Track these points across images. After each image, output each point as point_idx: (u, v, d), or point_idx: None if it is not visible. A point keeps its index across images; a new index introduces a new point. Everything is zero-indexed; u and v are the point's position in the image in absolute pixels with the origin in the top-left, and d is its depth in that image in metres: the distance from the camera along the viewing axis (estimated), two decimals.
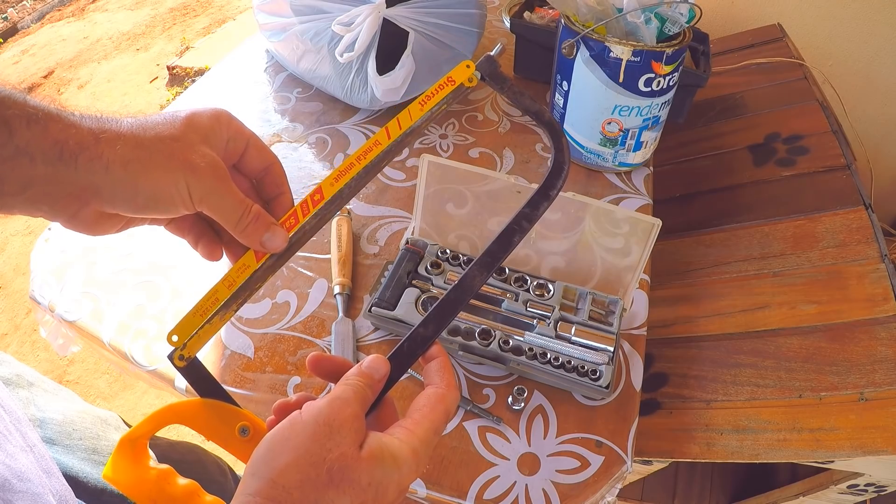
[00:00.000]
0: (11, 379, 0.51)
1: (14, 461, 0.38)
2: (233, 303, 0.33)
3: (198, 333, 0.31)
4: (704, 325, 0.72)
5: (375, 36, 0.77)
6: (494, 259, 0.34)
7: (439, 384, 0.32)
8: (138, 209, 0.31)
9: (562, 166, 0.35)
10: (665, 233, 0.59)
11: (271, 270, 0.34)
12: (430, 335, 0.33)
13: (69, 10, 3.22)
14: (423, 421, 0.30)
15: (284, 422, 0.28)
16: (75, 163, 0.29)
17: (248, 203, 0.33)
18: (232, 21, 2.89)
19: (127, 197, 0.31)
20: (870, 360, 0.62)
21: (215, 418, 0.31)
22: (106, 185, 0.30)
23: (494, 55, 0.36)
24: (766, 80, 1.04)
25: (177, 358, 0.31)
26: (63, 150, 0.28)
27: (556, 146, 0.36)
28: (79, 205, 0.30)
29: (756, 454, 0.60)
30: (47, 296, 0.63)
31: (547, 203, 0.35)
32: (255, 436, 0.31)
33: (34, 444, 0.43)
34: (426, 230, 0.66)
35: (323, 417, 0.27)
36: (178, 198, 0.31)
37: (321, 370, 0.32)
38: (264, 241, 0.33)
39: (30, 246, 1.42)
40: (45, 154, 0.28)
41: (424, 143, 0.83)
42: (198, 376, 0.32)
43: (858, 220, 0.75)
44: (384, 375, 0.31)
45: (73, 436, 0.50)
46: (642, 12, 0.65)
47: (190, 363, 0.31)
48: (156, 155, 0.30)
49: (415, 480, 0.30)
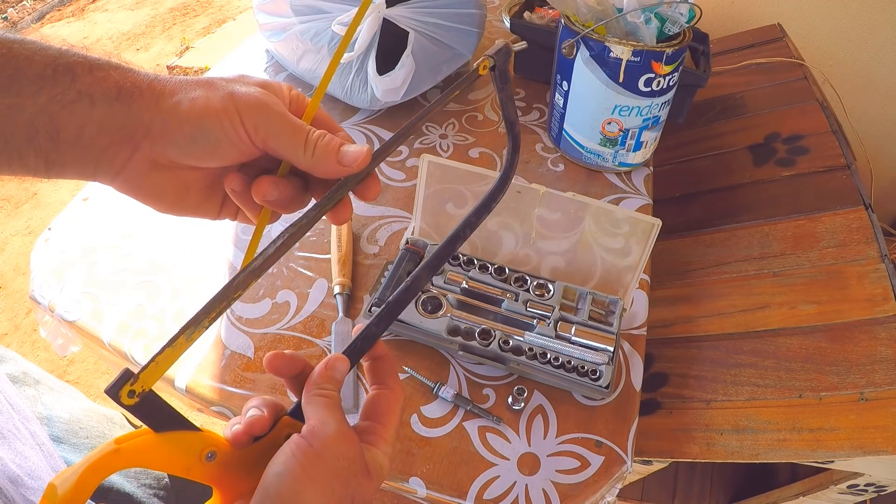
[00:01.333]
0: (18, 377, 0.51)
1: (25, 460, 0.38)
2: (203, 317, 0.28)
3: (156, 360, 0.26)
4: (704, 325, 0.72)
5: (375, 36, 0.77)
6: (440, 261, 0.37)
7: (391, 384, 0.33)
8: (189, 148, 0.30)
9: (506, 182, 0.38)
10: (665, 233, 0.59)
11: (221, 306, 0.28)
12: (380, 333, 0.33)
13: (69, 10, 3.22)
14: (390, 426, 0.32)
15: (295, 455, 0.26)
16: (130, 101, 0.29)
17: (308, 126, 0.31)
18: (232, 21, 2.89)
19: (176, 134, 0.29)
20: (870, 360, 0.62)
21: (173, 450, 0.27)
22: (155, 120, 0.29)
23: (515, 48, 0.36)
24: (766, 80, 1.04)
25: (125, 395, 0.25)
26: (121, 90, 0.28)
27: (510, 161, 0.38)
28: (130, 149, 0.29)
29: (756, 454, 0.60)
30: (47, 296, 0.63)
31: (487, 213, 0.38)
32: (221, 458, 0.28)
33: (43, 442, 0.43)
34: (426, 230, 0.66)
35: (339, 450, 0.27)
36: (231, 129, 0.29)
37: (279, 370, 0.31)
38: (341, 159, 0.30)
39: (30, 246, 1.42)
40: (104, 95, 0.28)
41: (424, 143, 0.83)
42: (152, 410, 0.26)
43: (858, 220, 0.75)
44: (344, 374, 0.31)
45: (80, 434, 0.50)
46: (642, 12, 0.65)
47: (143, 398, 0.25)
48: (206, 91, 0.29)
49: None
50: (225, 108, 0.29)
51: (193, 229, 0.70)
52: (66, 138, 0.28)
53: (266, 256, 0.29)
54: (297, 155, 0.30)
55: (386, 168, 0.79)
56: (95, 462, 0.24)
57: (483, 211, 0.38)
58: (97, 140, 0.29)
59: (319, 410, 0.28)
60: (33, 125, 0.27)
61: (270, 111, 0.30)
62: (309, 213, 0.31)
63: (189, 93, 0.29)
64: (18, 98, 0.27)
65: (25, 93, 0.27)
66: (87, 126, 0.28)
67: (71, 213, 0.73)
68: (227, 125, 0.29)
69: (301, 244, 0.69)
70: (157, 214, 0.34)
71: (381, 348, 0.34)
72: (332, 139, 0.31)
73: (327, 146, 0.30)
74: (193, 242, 0.69)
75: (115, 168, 0.30)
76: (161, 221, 0.71)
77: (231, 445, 0.28)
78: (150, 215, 0.71)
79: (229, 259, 0.67)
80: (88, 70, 0.28)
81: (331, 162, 0.30)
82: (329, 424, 0.27)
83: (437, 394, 0.54)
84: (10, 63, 0.27)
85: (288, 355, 0.31)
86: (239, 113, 0.29)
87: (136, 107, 0.29)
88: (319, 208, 0.31)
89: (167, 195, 0.32)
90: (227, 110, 0.29)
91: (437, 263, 0.36)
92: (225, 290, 0.27)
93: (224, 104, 0.29)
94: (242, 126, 0.29)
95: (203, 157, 0.30)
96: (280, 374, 0.31)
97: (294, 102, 0.33)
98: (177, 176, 0.31)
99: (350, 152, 0.30)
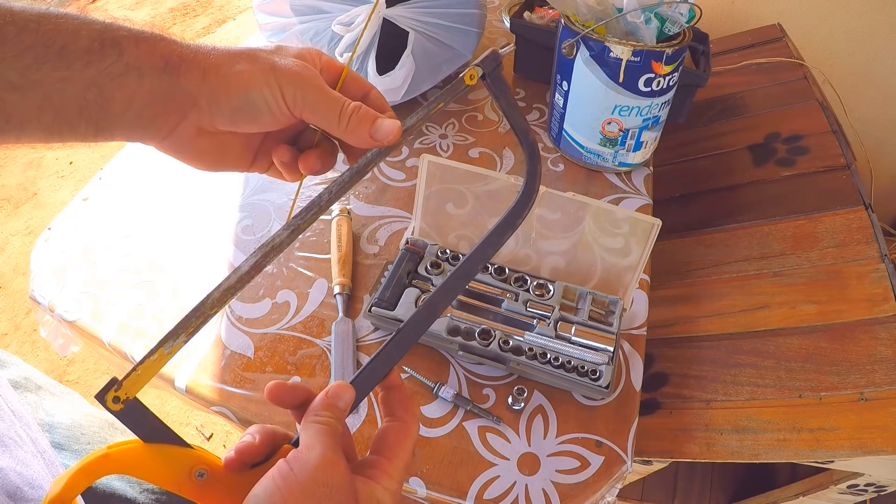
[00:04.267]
0: (20, 382, 0.50)
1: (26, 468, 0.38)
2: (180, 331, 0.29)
3: (137, 370, 0.27)
4: (704, 325, 0.72)
5: (375, 36, 0.77)
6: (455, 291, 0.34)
7: (404, 417, 0.32)
8: (233, 116, 0.31)
9: (531, 195, 0.35)
10: (665, 233, 0.59)
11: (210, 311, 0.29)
12: (392, 362, 0.32)
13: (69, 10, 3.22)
14: (398, 461, 0.30)
15: (276, 480, 0.26)
16: (177, 73, 0.30)
17: (344, 98, 0.32)
18: (232, 21, 2.89)
19: (223, 105, 0.31)
20: (870, 360, 0.62)
21: (164, 463, 0.27)
22: (203, 92, 0.30)
23: (502, 53, 0.34)
24: (766, 80, 1.04)
25: (110, 401, 0.26)
26: (168, 62, 0.30)
27: (530, 171, 0.34)
28: (178, 118, 0.31)
29: (756, 454, 0.60)
30: (47, 296, 0.63)
31: (511, 232, 0.34)
32: (213, 478, 0.28)
33: (44, 449, 0.43)
34: (426, 230, 0.66)
35: (320, 476, 0.26)
36: (273, 101, 0.31)
37: (281, 400, 0.31)
38: (373, 133, 0.32)
39: (30, 246, 1.42)
40: (152, 67, 0.29)
41: (424, 143, 0.83)
42: (139, 419, 0.27)
43: (858, 220, 0.75)
44: (348, 404, 0.30)
45: (82, 440, 0.50)
46: (642, 12, 0.65)
47: (128, 405, 0.27)
48: (249, 64, 0.31)
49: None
50: (267, 81, 0.31)
51: (193, 229, 0.70)
52: (116, 109, 0.29)
53: (241, 274, 0.30)
54: (332, 125, 0.32)
55: (386, 168, 0.79)
56: (85, 465, 0.26)
57: (506, 229, 0.34)
58: (146, 110, 0.30)
59: (310, 436, 0.28)
60: (84, 97, 0.28)
61: (309, 84, 0.31)
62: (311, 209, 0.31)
63: (234, 66, 0.31)
64: (69, 72, 0.28)
65: (75, 66, 0.28)
66: (136, 97, 0.29)
67: (71, 213, 0.73)
68: (269, 97, 0.31)
69: (301, 244, 0.69)
70: (157, 214, 0.35)
71: (395, 379, 0.33)
72: (366, 112, 0.32)
73: (362, 119, 0.32)
74: (193, 242, 0.69)
75: (163, 133, 0.32)
76: (161, 221, 0.71)
77: (225, 468, 0.28)
78: (151, 215, 0.72)
79: (229, 259, 0.67)
80: (135, 43, 0.29)
81: (363, 134, 0.32)
82: (314, 450, 0.27)
83: (437, 394, 0.54)
84: (59, 38, 0.27)
85: (289, 385, 0.31)
86: (280, 86, 0.31)
87: (183, 79, 0.30)
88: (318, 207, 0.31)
89: (209, 156, 0.34)
90: (269, 83, 0.31)
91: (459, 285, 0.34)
92: (200, 307, 0.28)
93: (266, 77, 0.31)
94: (283, 98, 0.31)
95: (245, 125, 0.32)
96: (282, 405, 0.31)
97: (326, 70, 0.34)
98: (217, 139, 0.33)
99: (383, 127, 0.32)
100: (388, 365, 0.32)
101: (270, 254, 0.30)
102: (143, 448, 0.27)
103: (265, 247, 0.30)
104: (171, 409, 1.35)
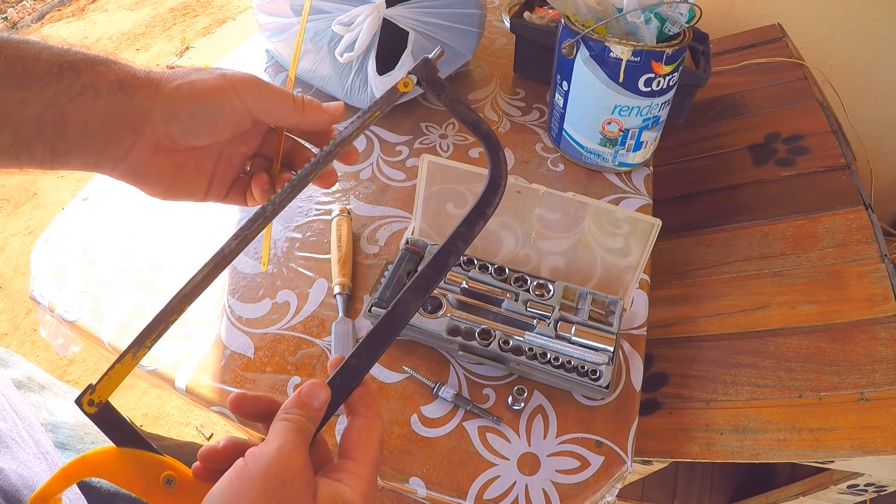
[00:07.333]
0: (23, 382, 0.50)
1: (27, 469, 0.38)
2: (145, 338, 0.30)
3: (109, 374, 0.28)
4: (704, 325, 0.72)
5: (375, 36, 0.77)
6: (429, 283, 0.33)
7: (366, 414, 0.31)
8: (190, 124, 0.33)
9: (498, 182, 0.35)
10: (665, 233, 0.59)
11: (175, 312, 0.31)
12: (365, 366, 0.31)
13: (69, 10, 3.22)
14: (365, 460, 0.29)
15: (230, 476, 0.26)
16: (132, 91, 0.31)
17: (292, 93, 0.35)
18: (232, 21, 2.89)
19: (179, 113, 0.32)
20: (870, 360, 0.62)
21: (134, 469, 0.28)
22: (156, 106, 0.32)
23: (432, 58, 0.35)
24: (766, 80, 1.04)
25: (86, 403, 0.28)
26: (122, 83, 0.31)
27: (492, 160, 0.35)
28: (133, 137, 0.32)
29: (756, 454, 0.60)
30: (47, 296, 0.63)
31: (483, 221, 0.34)
32: (181, 486, 0.28)
33: (47, 450, 0.42)
34: (426, 230, 0.66)
35: (273, 470, 0.25)
36: (228, 104, 0.33)
37: (244, 411, 0.31)
38: (326, 110, 0.36)
39: (30, 246, 1.42)
40: (108, 87, 0.31)
41: (424, 144, 0.83)
42: (111, 423, 0.28)
43: (858, 220, 0.75)
44: (324, 403, 0.30)
45: (85, 440, 0.50)
46: (642, 12, 0.65)
47: (102, 408, 0.28)
48: (200, 74, 0.33)
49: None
50: (220, 85, 0.33)
51: (193, 229, 0.70)
52: (73, 129, 0.30)
53: (195, 283, 0.31)
54: (290, 114, 0.35)
55: (386, 168, 0.79)
56: (66, 468, 0.28)
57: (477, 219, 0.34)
58: (102, 129, 0.31)
59: (273, 432, 0.27)
60: (42, 118, 0.29)
61: (261, 83, 0.34)
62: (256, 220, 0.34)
63: (185, 77, 0.33)
64: (29, 93, 0.29)
65: (35, 88, 0.29)
66: (92, 116, 0.30)
67: (71, 213, 0.73)
68: (224, 100, 0.33)
69: (301, 244, 0.69)
70: (157, 214, 0.36)
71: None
72: (313, 101, 0.36)
73: (312, 102, 0.36)
74: (193, 243, 0.69)
75: (119, 155, 0.33)
76: (161, 221, 0.71)
77: (193, 476, 0.29)
78: (150, 215, 0.71)
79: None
80: (91, 66, 0.30)
81: (317, 112, 0.36)
82: (272, 444, 0.26)
83: (437, 394, 0.54)
84: (20, 62, 0.28)
85: (251, 396, 0.31)
86: (234, 88, 0.33)
87: (137, 96, 0.31)
88: (263, 217, 0.34)
89: (164, 177, 0.35)
90: (223, 87, 0.33)
91: (426, 284, 0.33)
92: (161, 315, 0.30)
93: (219, 82, 0.33)
94: (239, 99, 0.33)
95: (202, 133, 0.34)
96: (245, 416, 0.31)
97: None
98: (173, 158, 0.34)
99: (331, 105, 0.37)
100: (370, 362, 0.32)
101: (222, 263, 0.32)
102: (116, 452, 0.28)
103: (216, 256, 0.32)
104: (172, 409, 1.35)
